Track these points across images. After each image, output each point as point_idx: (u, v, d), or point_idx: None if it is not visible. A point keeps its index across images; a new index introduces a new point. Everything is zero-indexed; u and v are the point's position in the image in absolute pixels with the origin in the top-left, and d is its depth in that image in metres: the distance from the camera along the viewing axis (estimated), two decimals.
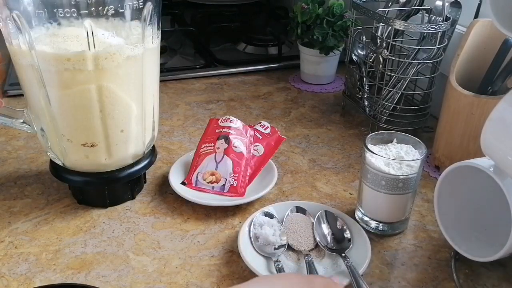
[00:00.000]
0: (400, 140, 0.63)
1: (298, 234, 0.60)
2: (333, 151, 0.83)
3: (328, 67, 1.06)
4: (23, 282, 0.55)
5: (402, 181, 0.59)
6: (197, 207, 0.67)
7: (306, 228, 0.61)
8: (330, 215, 0.63)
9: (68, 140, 0.61)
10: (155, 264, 0.58)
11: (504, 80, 0.70)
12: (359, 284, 0.52)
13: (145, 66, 0.61)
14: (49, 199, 0.69)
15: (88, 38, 0.54)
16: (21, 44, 0.55)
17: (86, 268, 0.57)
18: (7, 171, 0.75)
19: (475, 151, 0.69)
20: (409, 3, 0.84)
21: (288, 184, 0.74)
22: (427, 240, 0.63)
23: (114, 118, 0.60)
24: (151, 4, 0.59)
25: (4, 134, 0.85)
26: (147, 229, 0.64)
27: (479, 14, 0.80)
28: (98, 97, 0.58)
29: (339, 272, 0.56)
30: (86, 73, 0.56)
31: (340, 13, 0.99)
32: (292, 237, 0.60)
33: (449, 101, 0.72)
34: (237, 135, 0.72)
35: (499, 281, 0.57)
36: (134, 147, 0.65)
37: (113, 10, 0.56)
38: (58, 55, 0.55)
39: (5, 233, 0.62)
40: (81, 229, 0.64)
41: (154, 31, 0.62)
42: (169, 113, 0.94)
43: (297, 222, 0.62)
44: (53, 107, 0.59)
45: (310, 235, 0.60)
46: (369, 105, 0.89)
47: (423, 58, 0.81)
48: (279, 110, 0.96)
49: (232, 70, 1.12)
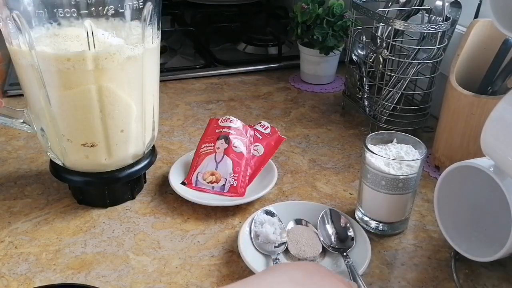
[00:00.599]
0: (400, 140, 0.63)
1: (301, 243, 0.60)
2: (333, 151, 0.83)
3: (328, 67, 1.06)
4: (23, 282, 0.55)
5: (402, 181, 0.59)
6: (197, 207, 0.67)
7: (308, 237, 0.60)
8: (334, 214, 0.63)
9: (68, 140, 0.61)
10: (155, 264, 0.58)
11: (504, 80, 0.70)
12: (358, 285, 0.52)
13: (145, 66, 0.61)
14: (49, 199, 0.69)
15: (88, 38, 0.54)
16: (21, 44, 0.55)
17: (86, 268, 0.57)
18: (7, 171, 0.75)
19: (475, 151, 0.69)
20: (409, 3, 0.84)
21: (288, 184, 0.74)
22: (427, 240, 0.63)
23: (114, 118, 0.60)
24: (151, 4, 0.59)
25: (4, 134, 0.85)
26: (147, 229, 0.64)
27: (479, 14, 0.80)
28: (98, 97, 0.58)
29: (339, 272, 0.56)
30: (86, 73, 0.56)
31: (340, 13, 0.99)
32: (295, 246, 0.59)
33: (449, 101, 0.72)
34: (237, 135, 0.72)
35: (499, 281, 0.57)
36: (134, 147, 0.65)
37: (113, 10, 0.56)
38: (58, 55, 0.55)
39: (5, 233, 0.62)
40: (81, 229, 0.64)
41: (154, 31, 0.62)
42: (169, 113, 0.94)
43: (299, 232, 0.61)
44: (53, 107, 0.59)
45: (314, 243, 0.60)
46: (369, 105, 0.89)
47: (423, 58, 0.81)
48: (279, 110, 0.96)
49: (232, 70, 1.12)
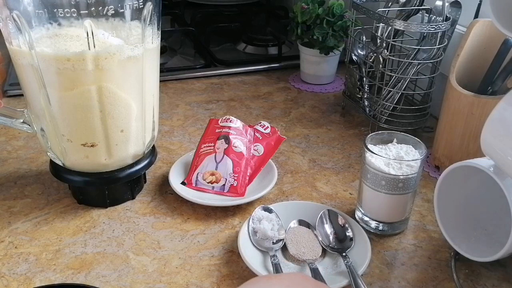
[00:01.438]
0: (400, 140, 0.63)
1: (301, 245, 0.59)
2: (333, 151, 0.83)
3: (328, 67, 1.06)
4: (23, 282, 0.55)
5: (402, 181, 0.59)
6: (197, 207, 0.67)
7: (309, 239, 0.60)
8: (332, 214, 0.63)
9: (68, 140, 0.61)
10: (155, 264, 0.58)
11: (504, 80, 0.70)
12: (357, 285, 0.52)
13: (145, 66, 0.61)
14: (49, 199, 0.69)
15: (88, 38, 0.54)
16: (21, 44, 0.55)
17: (86, 268, 0.57)
18: (7, 171, 0.75)
19: (475, 151, 0.69)
20: (409, 3, 0.84)
21: (288, 184, 0.74)
22: (427, 240, 0.63)
23: (114, 118, 0.60)
24: (151, 4, 0.58)
25: (4, 134, 0.85)
26: (147, 229, 0.64)
27: (479, 14, 0.80)
28: (98, 97, 0.58)
29: (339, 272, 0.56)
30: (86, 73, 0.56)
31: (340, 13, 0.99)
32: (295, 247, 0.59)
33: (449, 101, 0.72)
34: (237, 135, 0.72)
35: (499, 281, 0.57)
36: (134, 147, 0.65)
37: (113, 10, 0.55)
38: (58, 56, 0.55)
39: (5, 233, 0.62)
40: (81, 229, 0.64)
41: (154, 31, 0.62)
42: (169, 113, 0.94)
43: (300, 233, 0.61)
44: (53, 107, 0.58)
45: (314, 246, 0.59)
46: (369, 105, 0.89)
47: (423, 58, 0.81)
48: (279, 110, 0.96)
49: (232, 70, 1.12)
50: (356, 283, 0.53)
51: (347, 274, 0.54)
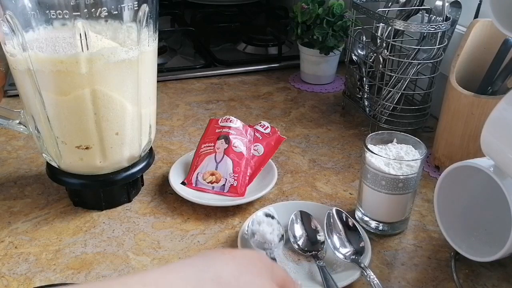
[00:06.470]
0: (400, 140, 0.63)
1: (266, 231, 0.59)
2: (333, 151, 0.83)
3: (328, 67, 1.06)
4: (23, 282, 0.55)
5: (402, 181, 0.59)
6: (197, 207, 0.67)
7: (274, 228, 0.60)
8: (305, 215, 0.63)
9: (63, 142, 0.60)
10: (155, 264, 0.58)
11: (504, 80, 0.70)
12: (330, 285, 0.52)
13: (141, 69, 0.60)
14: (49, 199, 0.69)
15: (81, 40, 0.54)
16: (15, 45, 0.55)
17: (86, 268, 0.57)
18: (7, 171, 0.75)
19: (475, 151, 0.69)
20: (409, 3, 0.84)
21: (288, 184, 0.74)
22: (427, 240, 0.63)
23: (108, 121, 0.60)
24: (146, 6, 0.57)
25: (4, 134, 0.85)
26: (147, 229, 0.64)
27: (479, 14, 0.80)
28: (92, 100, 0.57)
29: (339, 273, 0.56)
30: (79, 76, 0.55)
31: (340, 13, 0.99)
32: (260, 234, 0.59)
33: (449, 101, 0.72)
34: (237, 135, 0.72)
35: (499, 281, 0.57)
36: (130, 150, 0.64)
37: (107, 12, 0.54)
38: (51, 57, 0.54)
39: (5, 233, 0.62)
40: (81, 229, 0.64)
41: (151, 34, 0.61)
42: (169, 113, 0.94)
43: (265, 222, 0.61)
44: (47, 109, 0.58)
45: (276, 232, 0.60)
46: (369, 105, 0.89)
47: (423, 58, 0.81)
48: (279, 110, 0.96)
49: (232, 70, 1.12)
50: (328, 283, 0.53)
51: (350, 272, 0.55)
